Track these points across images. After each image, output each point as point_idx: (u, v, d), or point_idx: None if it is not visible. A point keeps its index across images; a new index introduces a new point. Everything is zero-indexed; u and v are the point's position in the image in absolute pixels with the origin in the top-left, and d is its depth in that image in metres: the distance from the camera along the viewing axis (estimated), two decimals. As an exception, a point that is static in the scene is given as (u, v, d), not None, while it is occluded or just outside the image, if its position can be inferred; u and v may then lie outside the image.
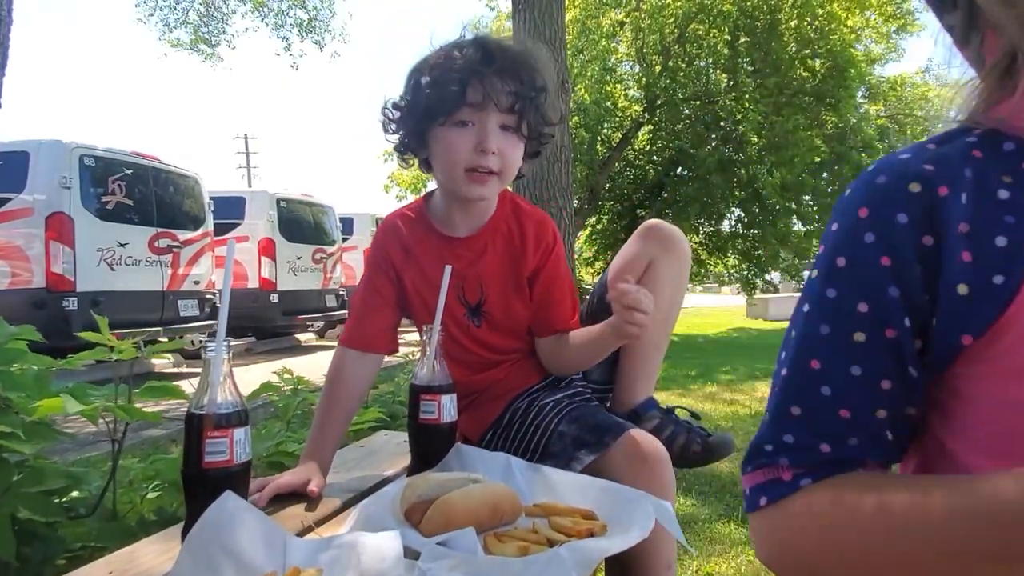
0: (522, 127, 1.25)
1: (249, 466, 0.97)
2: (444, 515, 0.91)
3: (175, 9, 10.84)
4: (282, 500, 1.11)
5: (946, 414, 0.46)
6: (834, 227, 0.47)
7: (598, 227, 14.13)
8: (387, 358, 1.40)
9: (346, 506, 1.09)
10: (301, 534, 0.97)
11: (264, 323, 9.30)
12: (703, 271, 16.01)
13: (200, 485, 0.91)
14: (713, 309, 20.06)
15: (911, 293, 0.44)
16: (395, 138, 1.32)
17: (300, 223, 9.87)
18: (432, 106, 1.23)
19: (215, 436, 0.93)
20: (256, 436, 1.75)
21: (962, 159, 0.45)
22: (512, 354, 1.39)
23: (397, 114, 1.30)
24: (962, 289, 0.43)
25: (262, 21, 11.07)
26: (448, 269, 1.20)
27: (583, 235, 14.06)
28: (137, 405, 1.42)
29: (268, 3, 10.97)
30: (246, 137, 36.99)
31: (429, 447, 1.16)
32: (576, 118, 11.62)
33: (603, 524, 0.93)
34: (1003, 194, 0.44)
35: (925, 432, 0.49)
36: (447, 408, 1.16)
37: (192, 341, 8.59)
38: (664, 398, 4.97)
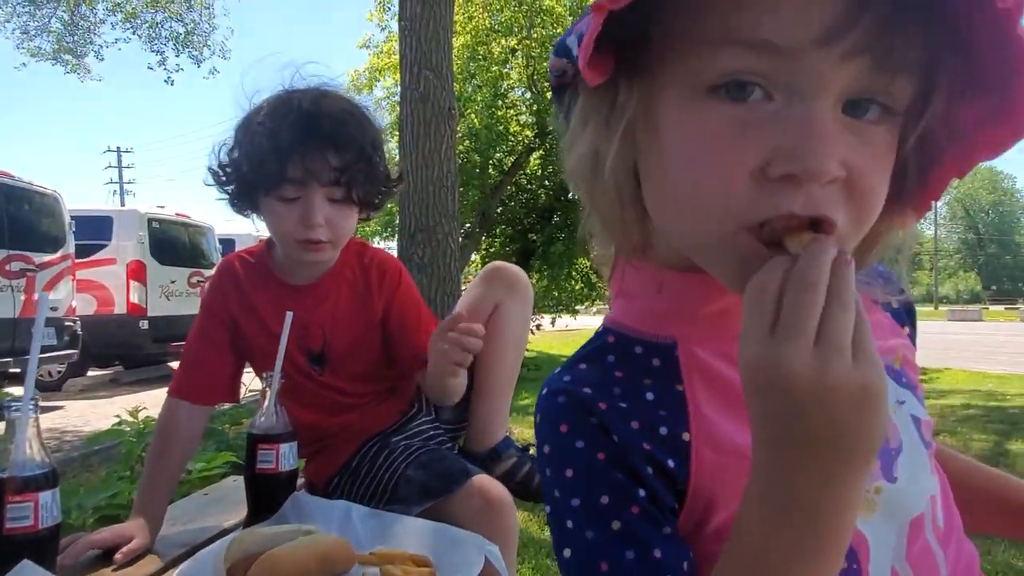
0: (351, 196, 1.22)
1: (57, 530, 0.93)
2: (268, 571, 0.90)
3: (35, 16, 10.07)
4: (102, 560, 1.05)
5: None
6: (546, 449, 0.52)
7: (490, 251, 14.28)
8: (248, 395, 1.37)
9: (168, 567, 1.05)
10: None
11: (132, 351, 8.69)
12: (594, 293, 16.53)
13: (-1, 553, 0.86)
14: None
15: (635, 470, 0.48)
16: (229, 190, 1.26)
17: (174, 244, 9.34)
18: (253, 181, 1.19)
19: (17, 501, 0.88)
20: (92, 487, 1.64)
21: (609, 380, 0.52)
22: (366, 397, 1.39)
23: (228, 171, 1.24)
24: (649, 470, 0.48)
25: (134, 33, 10.48)
26: (289, 316, 1.19)
27: (476, 258, 14.17)
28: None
29: (141, 15, 10.42)
30: (119, 150, 34.63)
31: (267, 498, 1.14)
32: (467, 142, 11.75)
33: (432, 572, 0.95)
34: (649, 396, 0.51)
35: None
36: (286, 457, 1.15)
37: (49, 372, 7.92)
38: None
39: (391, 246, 13.39)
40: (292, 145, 1.15)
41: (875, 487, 0.50)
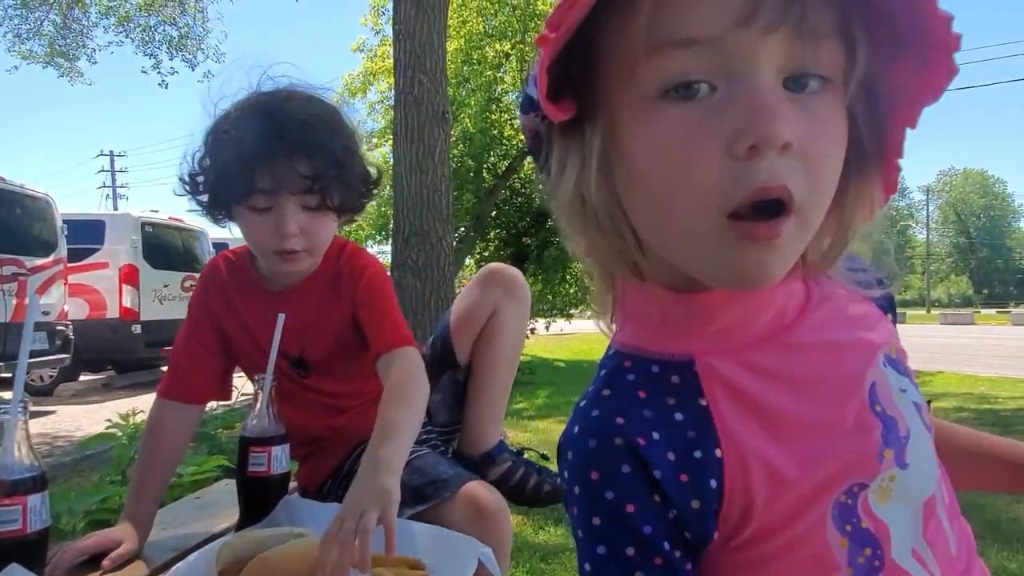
0: (326, 203, 1.16)
1: (46, 534, 0.92)
2: (260, 574, 0.89)
3: (27, 20, 10.02)
4: (89, 565, 1.04)
5: None
6: (576, 491, 0.52)
7: (485, 255, 14.28)
8: (241, 398, 1.35)
9: (157, 572, 1.04)
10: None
11: (125, 355, 8.64)
12: (589, 297, 16.54)
13: (-15, 559, 0.85)
14: (599, 335, 20.62)
15: (660, 521, 0.50)
16: (201, 200, 1.21)
17: (168, 248, 9.30)
18: (223, 191, 1.15)
19: (5, 504, 0.88)
20: (83, 491, 1.63)
21: (635, 402, 0.53)
22: (356, 399, 1.38)
23: (200, 179, 1.19)
24: (695, 504, 0.50)
25: (127, 37, 10.44)
26: (281, 317, 1.18)
27: (470, 262, 14.17)
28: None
29: (134, 18, 10.37)
30: (112, 155, 34.50)
31: (259, 501, 1.14)
32: (461, 147, 11.76)
33: (425, 574, 0.95)
34: (678, 416, 0.52)
35: None
36: (278, 459, 1.14)
37: (41, 376, 7.86)
38: (546, 426, 5.04)
39: (385, 250, 13.39)
40: (259, 155, 1.10)
41: (890, 475, 0.51)
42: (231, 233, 1.28)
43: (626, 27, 0.45)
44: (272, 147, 1.10)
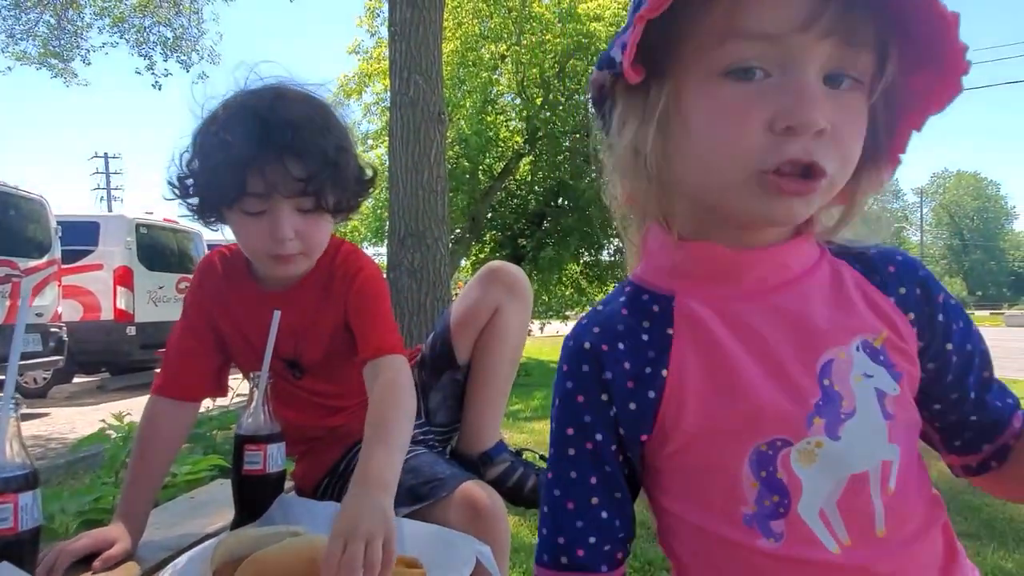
0: (321, 204, 1.13)
1: (38, 533, 0.91)
2: (255, 573, 0.88)
3: (20, 20, 9.96)
4: (81, 565, 1.03)
5: (654, 482, 0.67)
6: (556, 377, 0.66)
7: (481, 256, 14.29)
8: (236, 399, 1.33)
9: (150, 572, 1.03)
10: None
11: (119, 358, 8.58)
12: (584, 299, 16.57)
13: (-24, 558, 0.84)
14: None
15: (601, 415, 0.63)
16: (191, 203, 1.17)
17: (162, 250, 9.25)
18: (213, 195, 1.12)
19: (-3, 503, 0.86)
20: (76, 491, 1.62)
21: (616, 318, 0.65)
22: (352, 399, 1.37)
23: (189, 183, 1.16)
24: (632, 406, 0.62)
25: (121, 37, 10.38)
26: (277, 314, 1.17)
27: (466, 264, 14.17)
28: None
29: (129, 19, 10.32)
30: (106, 156, 34.38)
31: (254, 500, 1.12)
32: (457, 148, 11.76)
33: (422, 573, 0.94)
34: (645, 337, 0.63)
35: (650, 497, 0.68)
36: (273, 458, 1.13)
37: (34, 379, 7.80)
38: (542, 427, 5.02)
39: (381, 252, 13.37)
40: (249, 158, 1.06)
41: (817, 441, 0.58)
42: (223, 236, 1.25)
43: (707, 15, 0.55)
44: (263, 150, 1.06)
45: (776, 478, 0.58)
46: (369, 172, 1.24)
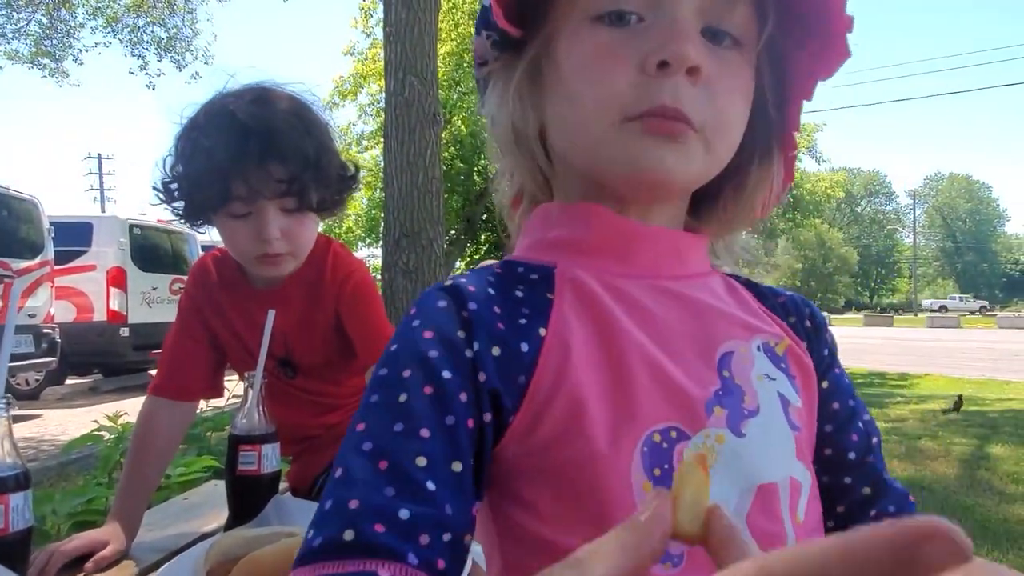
0: (305, 204, 1.14)
1: (29, 535, 0.90)
2: (249, 574, 0.87)
3: (12, 19, 9.91)
4: (73, 566, 1.02)
5: (506, 493, 0.51)
6: (399, 327, 0.53)
7: (475, 257, 14.28)
8: (231, 400, 1.33)
9: (144, 573, 1.02)
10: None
11: (112, 359, 8.55)
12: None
13: (-35, 560, 0.83)
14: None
15: (454, 351, 0.49)
16: (177, 208, 1.17)
17: (156, 251, 9.22)
18: (199, 200, 1.13)
19: (-14, 504, 0.85)
20: (68, 493, 1.60)
21: (486, 282, 0.54)
22: (348, 398, 1.36)
23: (173, 187, 1.15)
24: (496, 351, 0.50)
25: (115, 37, 10.34)
26: (271, 313, 1.16)
27: (461, 265, 14.15)
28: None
29: (122, 19, 10.29)
30: (99, 157, 34.25)
31: (248, 501, 1.11)
32: (452, 149, 11.75)
33: (417, 572, 0.93)
34: (519, 294, 0.54)
35: (494, 516, 0.52)
36: (268, 458, 1.12)
37: (27, 380, 7.76)
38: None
39: (375, 252, 13.34)
40: (231, 163, 1.07)
41: (718, 435, 0.50)
42: (210, 237, 1.25)
43: None
44: (244, 154, 1.06)
45: (672, 477, 0.49)
46: (351, 169, 1.24)
